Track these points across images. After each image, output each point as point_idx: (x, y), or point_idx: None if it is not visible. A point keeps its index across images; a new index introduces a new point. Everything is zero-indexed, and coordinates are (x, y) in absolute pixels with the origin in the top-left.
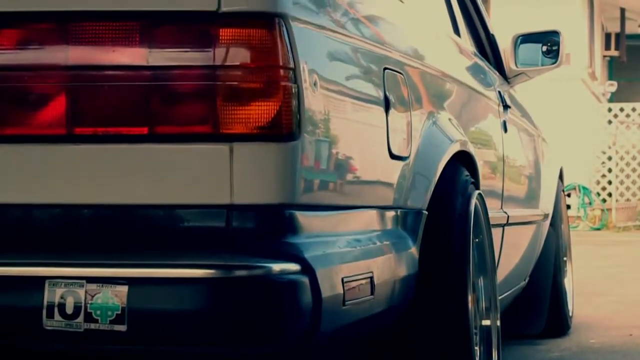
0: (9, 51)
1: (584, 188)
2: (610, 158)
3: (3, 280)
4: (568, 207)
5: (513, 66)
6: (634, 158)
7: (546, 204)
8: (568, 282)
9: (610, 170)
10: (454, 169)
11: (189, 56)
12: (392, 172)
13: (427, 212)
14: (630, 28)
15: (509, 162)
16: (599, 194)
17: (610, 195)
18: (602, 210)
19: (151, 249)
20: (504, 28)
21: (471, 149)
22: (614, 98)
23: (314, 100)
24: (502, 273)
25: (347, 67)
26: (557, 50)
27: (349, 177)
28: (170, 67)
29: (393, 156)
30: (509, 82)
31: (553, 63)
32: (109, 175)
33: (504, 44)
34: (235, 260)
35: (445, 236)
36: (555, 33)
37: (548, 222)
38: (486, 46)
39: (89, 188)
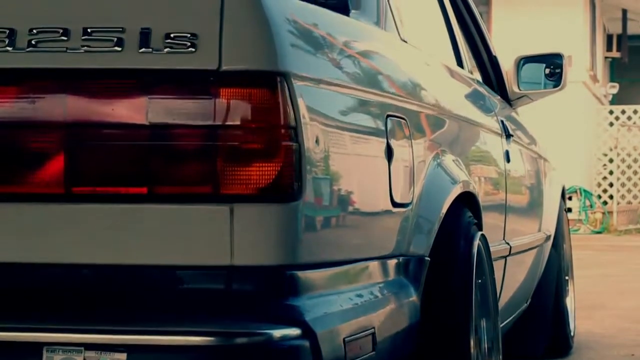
0: (7, 108)
1: (585, 191)
2: (611, 160)
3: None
4: (569, 210)
5: (515, 89)
6: (635, 160)
7: (548, 225)
8: (570, 302)
9: (611, 173)
10: (457, 211)
11: (189, 115)
12: (395, 220)
13: (429, 259)
14: (632, 29)
15: (511, 192)
16: (599, 197)
17: (611, 197)
18: (603, 213)
19: (150, 310)
20: (505, 30)
21: (474, 188)
22: (615, 99)
23: (315, 158)
24: (503, 300)
25: (349, 119)
26: (560, 74)
27: (351, 231)
28: (170, 126)
29: (395, 204)
30: (511, 105)
31: (555, 86)
32: (108, 235)
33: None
34: (235, 326)
35: (448, 281)
36: (558, 56)
37: (550, 242)
38: (489, 68)
39: (87, 248)
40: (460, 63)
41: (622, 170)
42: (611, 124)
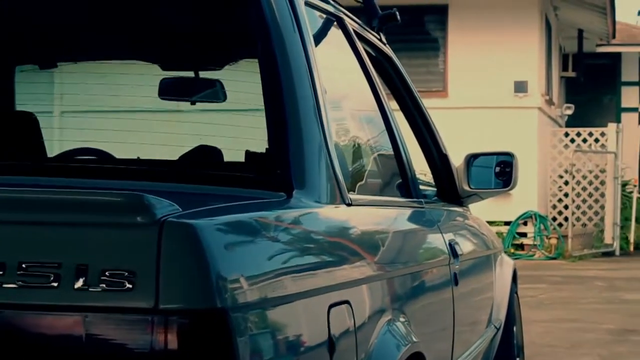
0: None
1: (540, 216)
2: (567, 183)
3: None
4: (524, 235)
5: (466, 187)
6: (590, 183)
7: (499, 314)
8: None
9: (566, 195)
10: None
11: (126, 353)
12: None
13: None
14: (587, 47)
15: (459, 315)
16: (555, 219)
17: (566, 219)
18: (558, 238)
19: None
20: (461, 57)
21: (422, 345)
22: (571, 118)
23: None
24: None
25: (291, 329)
26: (510, 173)
27: None
28: None
29: None
30: (462, 203)
31: (505, 186)
32: None
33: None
34: None
35: None
36: (508, 155)
37: (500, 332)
38: (439, 166)
39: None
40: (407, 190)
41: (577, 192)
42: (566, 146)
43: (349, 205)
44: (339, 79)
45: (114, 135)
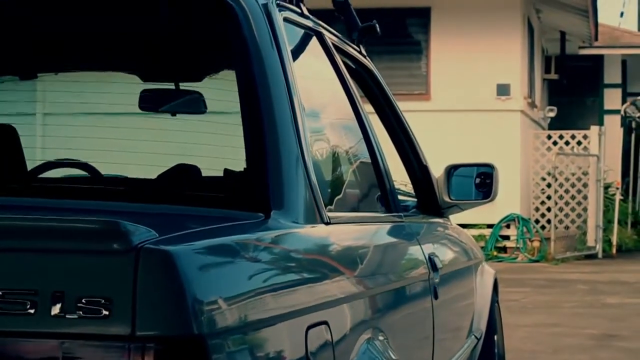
0: None
1: (523, 219)
2: (549, 185)
3: None
4: (507, 238)
5: (446, 198)
6: (572, 185)
7: (479, 324)
8: None
9: (549, 198)
10: None
11: None
12: None
13: None
14: (571, 49)
15: (439, 327)
16: (537, 221)
17: (549, 222)
18: (540, 240)
19: None
20: (444, 61)
21: None
22: (554, 121)
23: None
24: None
25: (268, 352)
26: (490, 184)
27: None
28: None
29: None
30: (442, 214)
31: (485, 197)
32: None
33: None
34: None
35: None
36: (488, 166)
37: (481, 342)
38: (419, 177)
39: None
40: (386, 204)
41: (560, 195)
42: (549, 149)
43: (327, 224)
44: (318, 94)
45: (94, 144)
